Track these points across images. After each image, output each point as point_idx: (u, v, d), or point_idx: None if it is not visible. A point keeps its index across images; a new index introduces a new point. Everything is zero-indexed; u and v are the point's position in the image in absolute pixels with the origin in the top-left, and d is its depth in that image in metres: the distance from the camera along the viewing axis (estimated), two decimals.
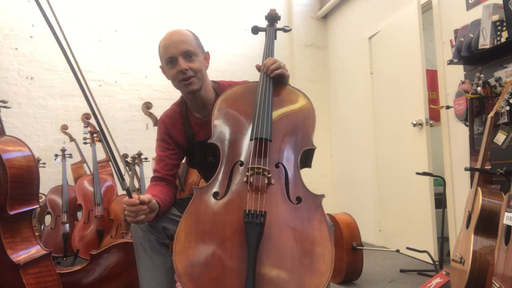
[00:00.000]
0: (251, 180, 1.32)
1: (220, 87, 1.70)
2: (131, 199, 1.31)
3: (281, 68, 1.55)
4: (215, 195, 1.34)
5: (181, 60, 1.55)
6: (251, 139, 1.41)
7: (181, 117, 1.68)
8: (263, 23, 1.87)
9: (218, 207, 1.32)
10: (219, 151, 1.44)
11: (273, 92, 1.53)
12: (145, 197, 1.35)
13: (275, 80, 1.56)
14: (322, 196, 1.33)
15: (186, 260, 1.22)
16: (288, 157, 1.41)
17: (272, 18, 1.81)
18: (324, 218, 1.28)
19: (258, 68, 1.61)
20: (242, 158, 1.40)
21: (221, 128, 1.49)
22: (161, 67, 1.67)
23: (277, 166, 1.38)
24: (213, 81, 1.73)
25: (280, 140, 1.43)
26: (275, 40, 1.77)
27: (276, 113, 1.49)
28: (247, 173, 1.32)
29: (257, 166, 1.33)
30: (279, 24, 1.85)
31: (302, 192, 1.34)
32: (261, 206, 1.26)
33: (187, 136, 1.66)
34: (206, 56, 1.68)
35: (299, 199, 1.32)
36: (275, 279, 1.18)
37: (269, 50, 1.69)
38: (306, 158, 1.49)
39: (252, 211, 1.24)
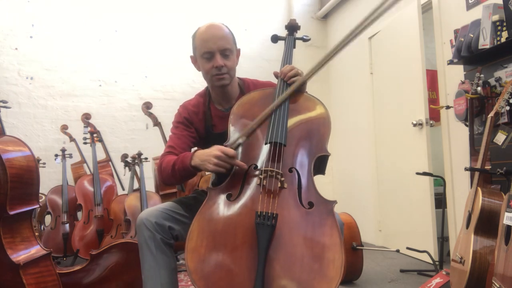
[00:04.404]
0: (264, 183, 1.33)
1: (245, 85, 1.76)
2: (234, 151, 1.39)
3: (298, 75, 1.58)
4: (229, 196, 1.36)
5: (218, 56, 1.59)
6: (266, 143, 1.43)
7: (204, 107, 1.72)
8: (264, 24, 1.88)
9: (231, 208, 1.33)
10: None
11: (289, 98, 1.55)
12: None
13: None
14: (335, 202, 1.34)
15: (197, 258, 1.24)
16: (302, 163, 1.43)
17: (292, 27, 1.84)
18: (335, 224, 1.28)
19: (276, 74, 1.64)
20: (257, 162, 1.42)
21: (237, 132, 1.51)
22: (191, 57, 1.69)
23: (290, 170, 1.39)
24: (239, 78, 1.77)
25: (294, 146, 1.45)
26: (293, 49, 1.79)
27: (292, 119, 1.51)
28: (260, 176, 1.34)
29: (271, 169, 1.34)
30: (284, 31, 1.87)
31: (315, 197, 1.35)
32: (273, 209, 1.27)
33: (207, 126, 1.70)
34: (238, 53, 1.72)
35: (311, 204, 1.33)
36: (284, 281, 1.19)
37: (287, 58, 1.72)
38: (320, 165, 1.50)
39: (264, 213, 1.25)
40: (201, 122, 1.70)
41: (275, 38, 1.86)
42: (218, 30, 1.62)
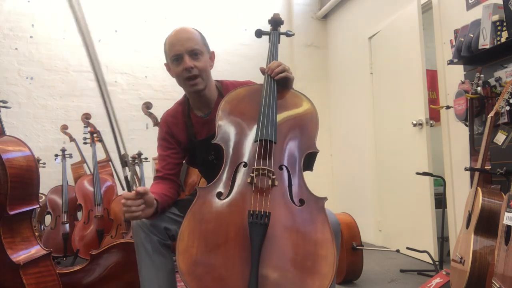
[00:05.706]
0: (255, 181, 1.32)
1: (223, 87, 1.71)
2: (129, 192, 1.33)
3: (285, 72, 1.56)
4: (219, 195, 1.34)
5: (186, 58, 1.56)
6: (255, 141, 1.42)
7: (183, 116, 1.69)
8: (264, 24, 1.87)
9: (222, 207, 1.32)
10: (223, 152, 1.45)
11: (277, 95, 1.53)
12: (141, 188, 1.35)
13: (279, 83, 1.57)
14: (325, 198, 1.34)
15: (189, 259, 1.22)
16: (292, 160, 1.42)
17: (276, 22, 1.81)
18: (326, 221, 1.28)
19: (263, 70, 1.62)
20: (246, 159, 1.41)
21: (225, 129, 1.49)
22: (165, 64, 1.67)
23: (280, 168, 1.38)
24: (216, 80, 1.73)
25: (283, 143, 1.44)
26: (278, 44, 1.77)
27: (280, 116, 1.50)
28: (251, 174, 1.33)
29: (262, 167, 1.33)
30: (282, 28, 1.86)
31: (305, 194, 1.34)
32: (265, 207, 1.26)
33: (189, 135, 1.66)
34: (211, 56, 1.69)
35: (302, 201, 1.32)
36: (278, 280, 1.18)
37: (273, 53, 1.69)
38: (308, 161, 1.49)
39: (257, 212, 1.24)
40: (182, 131, 1.67)
41: (259, 33, 1.81)
42: (185, 33, 1.60)
